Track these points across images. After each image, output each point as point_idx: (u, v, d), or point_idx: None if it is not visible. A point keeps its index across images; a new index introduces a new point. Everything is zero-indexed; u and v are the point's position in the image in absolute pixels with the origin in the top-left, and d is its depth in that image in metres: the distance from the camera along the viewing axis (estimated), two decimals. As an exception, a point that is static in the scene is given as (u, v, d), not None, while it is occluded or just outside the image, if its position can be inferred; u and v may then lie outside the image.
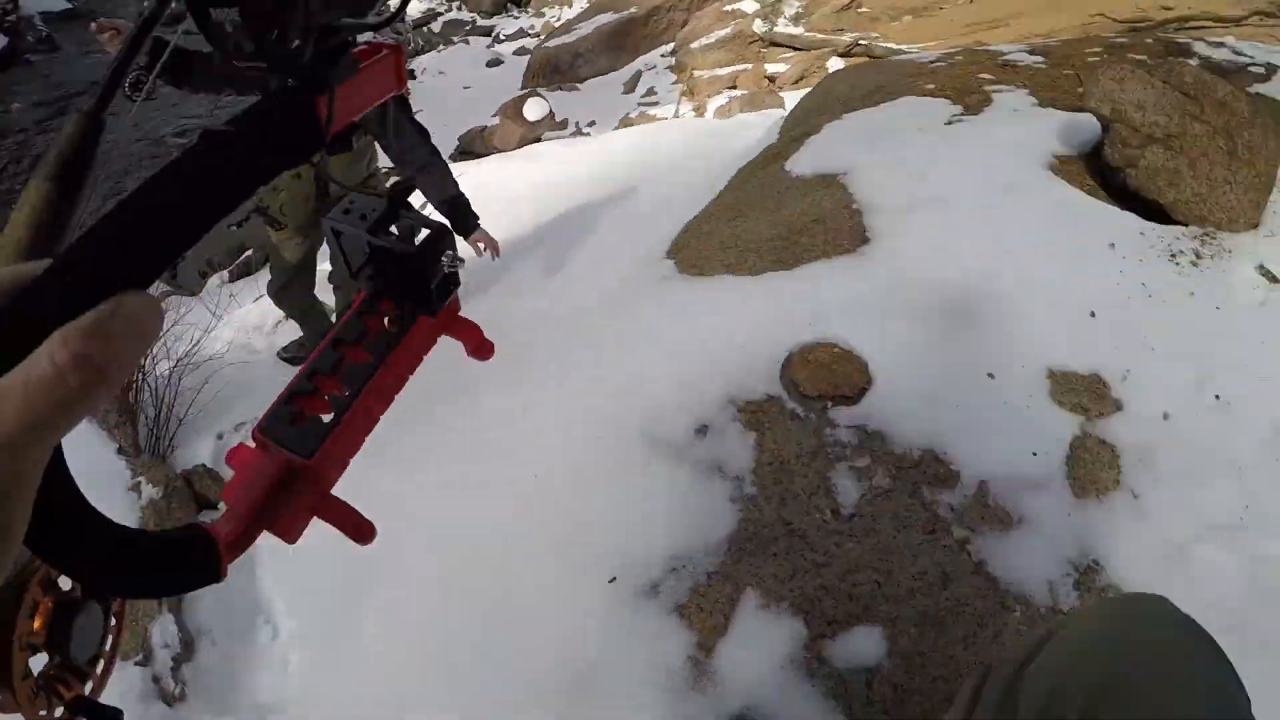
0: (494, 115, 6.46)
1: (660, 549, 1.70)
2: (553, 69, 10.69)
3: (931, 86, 3.21)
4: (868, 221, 2.27)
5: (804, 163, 2.68)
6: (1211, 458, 1.75)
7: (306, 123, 0.38)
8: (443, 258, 0.46)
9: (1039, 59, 3.45)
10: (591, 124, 8.04)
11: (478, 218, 2.73)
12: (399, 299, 0.48)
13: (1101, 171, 2.33)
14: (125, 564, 0.33)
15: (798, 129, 3.37)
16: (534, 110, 6.16)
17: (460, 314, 0.51)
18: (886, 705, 1.41)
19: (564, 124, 8.25)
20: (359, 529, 0.43)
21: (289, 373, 2.75)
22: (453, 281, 0.48)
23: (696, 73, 8.83)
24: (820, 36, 8.05)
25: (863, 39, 7.47)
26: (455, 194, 2.60)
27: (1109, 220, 2.18)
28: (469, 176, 4.83)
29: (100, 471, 2.37)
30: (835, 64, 7.18)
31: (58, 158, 0.43)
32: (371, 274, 0.48)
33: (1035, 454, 1.74)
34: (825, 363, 1.92)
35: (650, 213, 3.35)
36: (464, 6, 17.98)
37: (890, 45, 7.15)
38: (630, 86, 9.58)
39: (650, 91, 9.06)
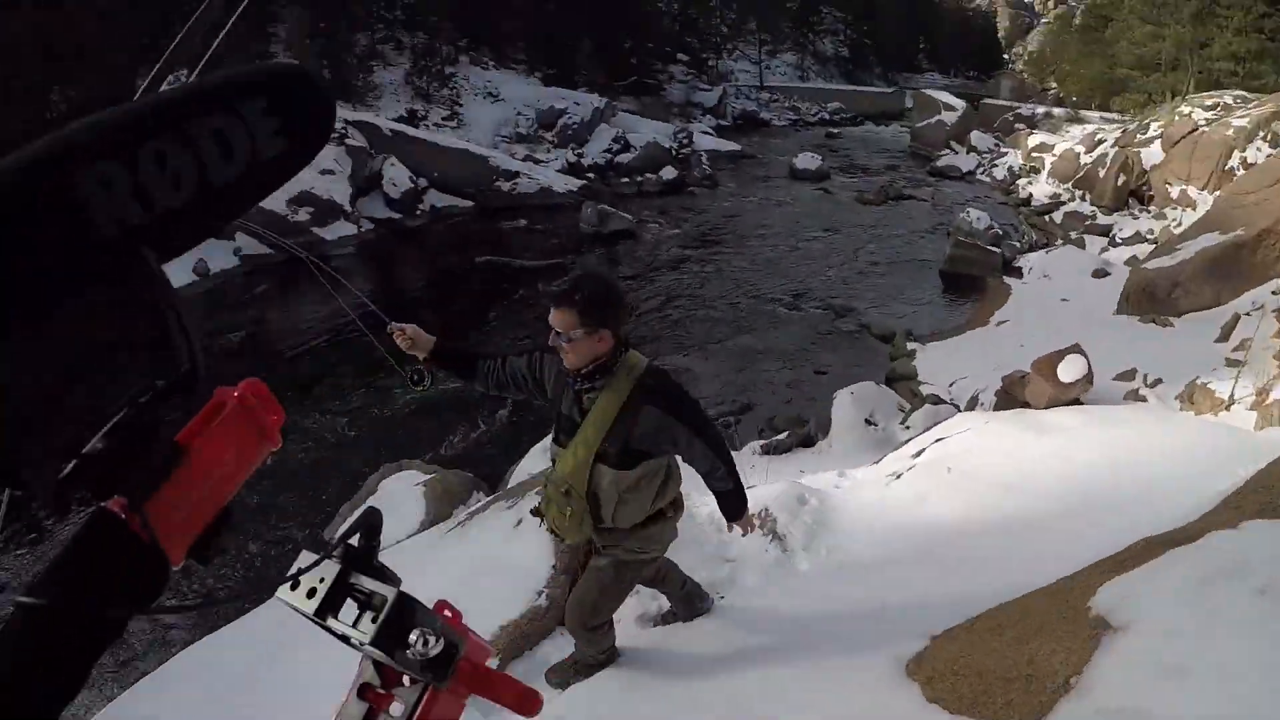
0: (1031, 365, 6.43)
1: None
2: (1148, 296, 9.88)
3: None
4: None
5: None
6: None
7: (130, 561, 0.31)
8: (410, 638, 0.46)
9: None
10: (1157, 383, 7.82)
11: (744, 505, 2.62)
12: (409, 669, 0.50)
13: None
14: None
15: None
16: (1069, 371, 5.79)
17: (491, 669, 0.50)
18: None
19: (1131, 375, 8.29)
20: None
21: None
22: (448, 652, 0.47)
23: (1293, 332, 7.75)
24: None
25: None
26: (725, 489, 2.56)
27: None
28: (944, 443, 4.90)
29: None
30: None
31: None
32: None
33: None
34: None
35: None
36: (1087, 196, 17.91)
37: None
38: (1225, 333, 9.00)
39: (1242, 345, 8.40)
